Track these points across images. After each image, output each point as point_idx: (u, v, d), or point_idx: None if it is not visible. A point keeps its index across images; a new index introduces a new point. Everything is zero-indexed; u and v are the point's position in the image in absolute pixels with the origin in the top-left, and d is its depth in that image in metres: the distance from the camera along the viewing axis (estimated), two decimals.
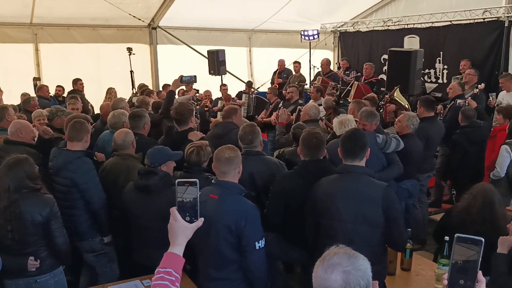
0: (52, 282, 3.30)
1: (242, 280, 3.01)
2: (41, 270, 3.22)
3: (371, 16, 11.77)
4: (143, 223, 3.52)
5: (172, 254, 1.66)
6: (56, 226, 3.22)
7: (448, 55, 9.29)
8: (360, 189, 3.04)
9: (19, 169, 3.13)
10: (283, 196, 3.60)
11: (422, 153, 5.28)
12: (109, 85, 9.19)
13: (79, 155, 3.79)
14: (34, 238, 3.17)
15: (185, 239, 1.70)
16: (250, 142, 3.98)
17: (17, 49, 9.80)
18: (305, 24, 11.64)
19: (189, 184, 1.65)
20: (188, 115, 4.57)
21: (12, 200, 3.07)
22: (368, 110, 4.86)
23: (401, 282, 3.41)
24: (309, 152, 3.59)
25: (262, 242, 2.90)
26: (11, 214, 3.06)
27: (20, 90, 8.33)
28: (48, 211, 3.16)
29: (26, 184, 3.14)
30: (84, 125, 3.93)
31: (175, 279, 1.61)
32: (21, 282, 3.22)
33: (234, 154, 3.03)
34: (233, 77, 11.74)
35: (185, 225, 1.67)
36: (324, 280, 1.46)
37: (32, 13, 9.43)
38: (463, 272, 1.49)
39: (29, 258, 3.15)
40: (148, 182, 3.44)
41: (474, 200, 3.55)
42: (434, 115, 5.94)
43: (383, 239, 3.07)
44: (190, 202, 1.67)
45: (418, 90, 7.97)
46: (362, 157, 3.14)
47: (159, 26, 11.04)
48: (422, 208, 5.73)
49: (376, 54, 11.13)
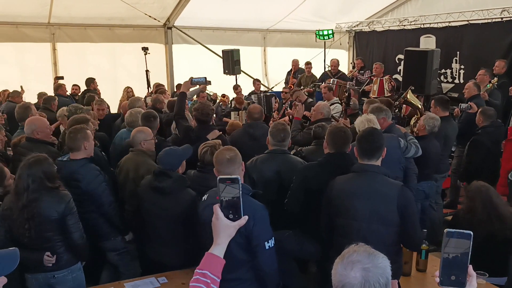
0: (70, 278, 3.33)
1: (253, 280, 3.01)
2: (59, 266, 3.26)
3: (386, 15, 11.70)
4: (156, 221, 3.57)
5: (211, 255, 1.63)
6: (72, 221, 3.25)
7: (465, 55, 9.19)
8: (376, 188, 3.04)
9: (38, 168, 3.17)
10: (304, 185, 3.62)
11: (440, 154, 5.24)
12: (125, 85, 9.30)
13: (82, 164, 3.75)
14: (50, 234, 3.21)
15: (227, 238, 1.66)
16: (282, 140, 4.01)
17: (35, 49, 9.96)
18: (320, 23, 11.60)
19: (231, 181, 1.61)
20: (212, 115, 4.62)
21: (30, 199, 3.11)
22: (375, 105, 4.85)
23: (416, 283, 3.39)
24: (336, 146, 3.62)
25: (271, 241, 2.88)
26: (28, 213, 3.10)
27: (38, 89, 8.47)
28: (64, 207, 3.19)
29: (45, 183, 3.17)
30: (79, 133, 3.79)
31: (211, 281, 1.58)
32: (40, 277, 3.27)
33: (234, 153, 3.00)
34: (247, 76, 11.76)
35: (227, 223, 1.63)
36: (343, 276, 1.46)
37: (50, 13, 9.57)
38: (454, 267, 1.48)
39: (45, 254, 3.19)
40: (162, 184, 3.48)
41: (472, 201, 3.56)
42: (449, 115, 5.90)
43: (398, 238, 3.05)
44: (232, 199, 1.62)
45: (434, 90, 7.89)
46: (378, 156, 3.13)
47: (175, 25, 11.10)
48: (438, 209, 5.68)
49: (391, 54, 11.06)
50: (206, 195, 3.09)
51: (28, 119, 4.56)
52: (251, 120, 5.12)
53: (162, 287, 3.26)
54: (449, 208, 6.43)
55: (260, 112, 5.21)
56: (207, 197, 3.07)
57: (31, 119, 4.54)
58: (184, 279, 3.34)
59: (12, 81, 8.99)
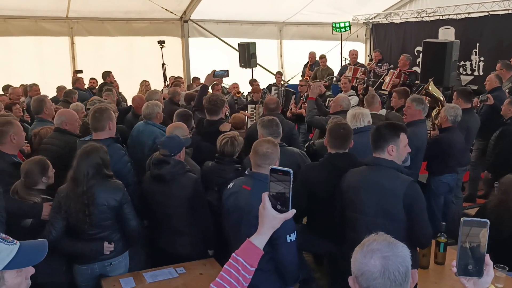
0: (123, 264, 3.42)
1: (273, 271, 3.02)
2: (115, 253, 3.34)
3: (404, 7, 11.56)
4: (164, 211, 3.62)
5: (249, 243, 1.61)
6: (129, 209, 3.33)
7: (485, 47, 9.03)
8: (383, 183, 2.98)
9: (96, 156, 3.25)
10: (306, 187, 3.60)
11: (464, 145, 5.18)
12: (142, 78, 9.37)
13: (108, 143, 3.76)
14: (109, 222, 3.29)
15: (271, 229, 1.63)
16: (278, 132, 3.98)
17: (53, 42, 10.10)
18: (337, 16, 11.51)
19: (283, 173, 1.57)
20: (221, 105, 4.61)
21: (89, 186, 3.19)
22: (416, 96, 4.92)
23: (434, 275, 3.36)
24: (336, 143, 3.56)
25: (293, 235, 2.88)
26: (89, 199, 3.17)
27: (56, 82, 8.57)
28: (121, 196, 3.27)
29: (102, 170, 3.26)
30: (104, 113, 3.86)
31: (242, 268, 1.57)
32: (96, 266, 3.32)
33: (272, 149, 3.00)
34: (263, 69, 11.74)
35: (273, 214, 1.60)
36: (363, 264, 1.46)
37: (68, 7, 9.68)
38: (471, 257, 1.47)
39: (104, 242, 3.26)
40: (161, 171, 3.54)
41: (505, 195, 3.45)
42: (471, 107, 5.82)
43: (406, 234, 2.96)
44: (282, 191, 1.58)
45: (453, 83, 7.79)
46: (383, 149, 3.03)
47: (191, 19, 11.13)
48: (457, 203, 5.62)
49: (410, 46, 10.93)
50: (232, 184, 3.12)
51: (59, 111, 4.64)
52: (267, 111, 5.12)
53: (180, 277, 3.29)
54: (467, 201, 6.35)
55: (277, 103, 5.21)
56: (232, 186, 3.09)
57: (62, 111, 4.61)
58: (202, 270, 3.37)
59: (31, 75, 9.12)
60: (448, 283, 3.25)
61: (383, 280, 1.42)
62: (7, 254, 1.47)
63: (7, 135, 3.76)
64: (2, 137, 3.75)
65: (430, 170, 5.23)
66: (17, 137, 3.83)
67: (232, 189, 3.07)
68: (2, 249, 1.46)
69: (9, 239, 1.52)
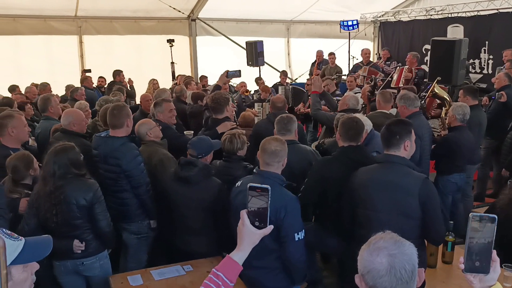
0: (98, 265, 3.41)
1: (281, 270, 3.03)
2: (87, 253, 3.34)
3: (412, 5, 11.49)
4: (182, 211, 3.60)
5: (229, 259, 1.64)
6: (100, 210, 3.31)
7: (494, 45, 8.96)
8: (398, 179, 2.99)
9: (64, 156, 3.24)
10: (321, 182, 3.59)
11: (473, 144, 5.16)
12: (150, 76, 9.40)
13: (123, 141, 3.81)
14: (79, 222, 3.28)
15: (250, 245, 1.66)
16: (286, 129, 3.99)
17: (62, 41, 10.18)
18: (345, 14, 11.47)
19: (261, 190, 1.60)
20: (224, 103, 4.62)
21: (57, 186, 3.19)
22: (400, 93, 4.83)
23: (442, 274, 3.35)
24: (349, 136, 3.55)
25: (301, 233, 2.89)
26: (56, 199, 3.18)
27: (65, 81, 8.63)
28: (92, 195, 3.25)
29: (71, 170, 3.24)
30: (122, 110, 3.89)
31: (222, 283, 1.60)
32: (68, 264, 3.35)
33: (280, 147, 3.01)
34: (271, 68, 11.73)
35: (252, 230, 1.63)
36: (369, 262, 1.46)
37: (77, 6, 9.75)
38: (479, 253, 1.47)
39: (74, 240, 3.27)
40: (189, 173, 3.51)
41: None
42: (478, 104, 5.82)
43: (419, 232, 2.99)
44: (260, 208, 1.62)
45: (461, 81, 7.74)
46: (397, 146, 3.05)
47: (199, 17, 11.16)
48: (467, 202, 5.58)
49: (418, 44, 10.87)
50: (240, 182, 3.14)
51: (65, 111, 4.65)
52: (274, 110, 5.13)
53: (187, 275, 3.30)
54: (476, 200, 6.31)
55: (283, 102, 5.20)
56: (240, 184, 3.11)
57: (69, 111, 4.62)
58: (209, 267, 3.34)
59: (41, 74, 9.21)
60: (456, 282, 3.24)
61: (389, 278, 1.43)
62: (13, 250, 1.49)
63: (5, 128, 3.88)
64: (1, 129, 3.88)
65: (438, 170, 5.21)
66: (16, 130, 3.91)
67: (240, 187, 3.09)
68: (9, 244, 1.48)
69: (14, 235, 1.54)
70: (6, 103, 5.85)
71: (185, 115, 6.00)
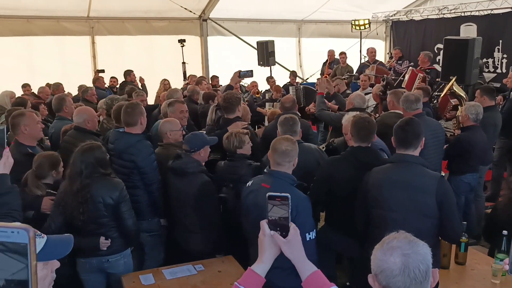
0: (122, 262, 3.45)
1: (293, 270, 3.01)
2: (112, 250, 3.38)
3: (425, 4, 11.39)
4: (179, 206, 3.72)
5: (252, 273, 1.60)
6: (126, 208, 3.37)
7: (508, 44, 8.87)
8: (413, 179, 2.99)
9: (90, 155, 3.30)
10: (328, 181, 3.58)
11: (486, 144, 5.11)
12: (162, 77, 9.44)
13: (139, 139, 3.89)
14: (105, 220, 3.33)
15: (272, 257, 1.62)
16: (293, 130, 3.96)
17: (75, 42, 10.26)
18: (356, 13, 11.41)
19: (281, 198, 1.54)
20: (236, 103, 4.63)
21: (84, 184, 3.24)
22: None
23: (455, 275, 3.33)
24: (360, 136, 3.53)
25: (312, 233, 2.88)
26: (82, 197, 3.23)
27: (78, 81, 8.72)
28: (118, 194, 3.31)
29: (97, 169, 3.30)
30: (136, 108, 3.95)
31: None
32: (94, 261, 3.39)
33: (291, 147, 3.01)
34: (282, 68, 11.72)
35: (274, 242, 1.59)
36: (382, 262, 1.44)
37: (89, 7, 9.83)
38: None
39: (101, 237, 3.32)
40: (172, 164, 3.66)
41: None
42: (495, 104, 5.76)
43: (436, 230, 2.99)
44: (281, 217, 1.55)
45: (475, 80, 7.66)
46: (416, 146, 3.07)
47: (210, 18, 11.18)
48: (479, 202, 5.53)
49: (430, 43, 10.78)
50: (251, 182, 3.14)
51: (78, 109, 4.68)
52: (283, 110, 5.11)
53: (199, 274, 3.32)
54: (490, 201, 6.24)
55: (293, 101, 5.16)
56: (251, 184, 3.12)
57: (82, 109, 4.65)
58: (221, 267, 3.39)
59: (54, 74, 9.30)
60: (469, 283, 3.21)
61: (403, 277, 1.41)
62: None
63: (18, 126, 3.91)
64: (15, 128, 3.93)
65: (451, 170, 5.16)
66: (29, 128, 3.94)
67: (251, 187, 3.09)
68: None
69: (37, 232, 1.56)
70: (20, 102, 5.91)
71: (196, 115, 6.02)
